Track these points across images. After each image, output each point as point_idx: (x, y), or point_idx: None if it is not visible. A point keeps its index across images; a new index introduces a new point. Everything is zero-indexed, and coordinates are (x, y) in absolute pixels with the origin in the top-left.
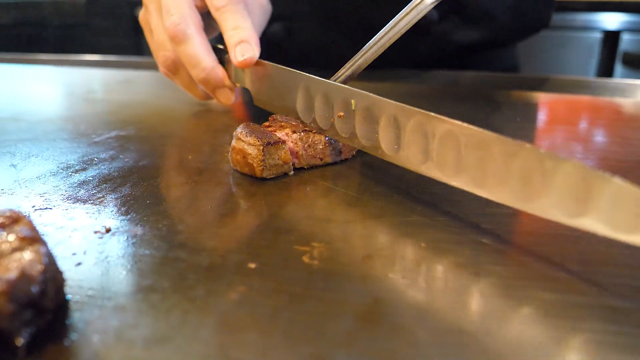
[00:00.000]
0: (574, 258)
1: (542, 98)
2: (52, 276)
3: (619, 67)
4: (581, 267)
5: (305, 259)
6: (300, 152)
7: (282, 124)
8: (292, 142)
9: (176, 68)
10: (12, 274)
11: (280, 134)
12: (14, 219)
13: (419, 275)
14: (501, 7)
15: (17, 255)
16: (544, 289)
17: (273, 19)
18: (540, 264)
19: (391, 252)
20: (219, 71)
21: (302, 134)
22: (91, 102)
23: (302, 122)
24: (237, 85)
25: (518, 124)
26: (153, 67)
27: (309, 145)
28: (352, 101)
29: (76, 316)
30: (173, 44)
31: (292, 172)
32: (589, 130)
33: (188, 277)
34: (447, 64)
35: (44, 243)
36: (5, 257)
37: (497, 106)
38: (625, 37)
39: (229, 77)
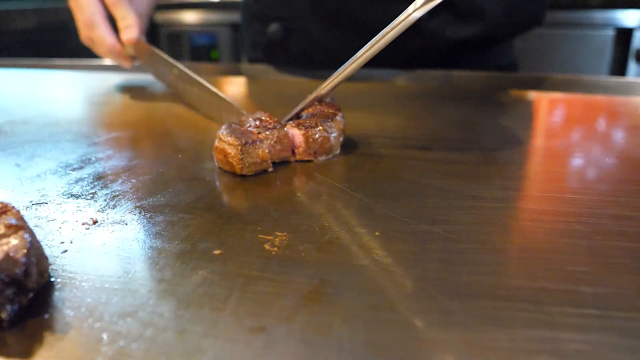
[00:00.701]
0: (516, 247)
1: (537, 97)
2: (36, 260)
3: (632, 65)
4: (520, 254)
5: (267, 246)
6: (270, 150)
7: (255, 123)
8: (265, 145)
9: (91, 43)
10: None
11: (256, 133)
12: (3, 210)
13: (366, 260)
14: (492, 3)
15: (3, 240)
16: (477, 274)
17: (272, 19)
18: (482, 252)
19: (347, 241)
20: (118, 46)
21: (267, 132)
22: (97, 105)
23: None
24: (130, 54)
25: (505, 122)
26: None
27: (276, 142)
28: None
29: (56, 295)
30: (87, 30)
31: (271, 169)
32: (581, 129)
33: (159, 262)
34: (441, 61)
35: (29, 231)
36: None
37: (493, 106)
38: (639, 35)
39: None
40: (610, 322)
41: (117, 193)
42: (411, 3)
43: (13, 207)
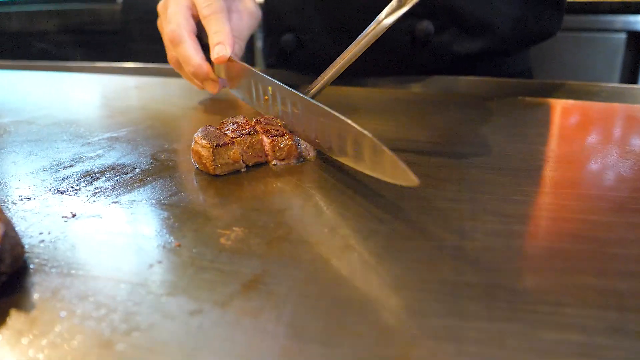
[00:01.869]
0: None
1: (552, 104)
2: (10, 247)
3: None
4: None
5: (222, 240)
6: (243, 154)
7: (232, 127)
8: (237, 146)
9: (178, 64)
10: None
11: (229, 135)
12: None
13: (309, 255)
14: (501, 18)
15: None
16: (408, 267)
17: (284, 30)
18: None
19: (296, 237)
20: (205, 67)
21: (241, 137)
22: (99, 107)
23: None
24: (219, 77)
25: (513, 131)
26: (170, 73)
27: (248, 147)
28: (269, 88)
29: (28, 279)
30: (172, 46)
31: (243, 169)
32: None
33: (119, 253)
34: (451, 72)
35: (5, 221)
36: None
37: (498, 113)
38: None
39: (213, 71)
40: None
41: (99, 189)
42: (414, 15)
43: None
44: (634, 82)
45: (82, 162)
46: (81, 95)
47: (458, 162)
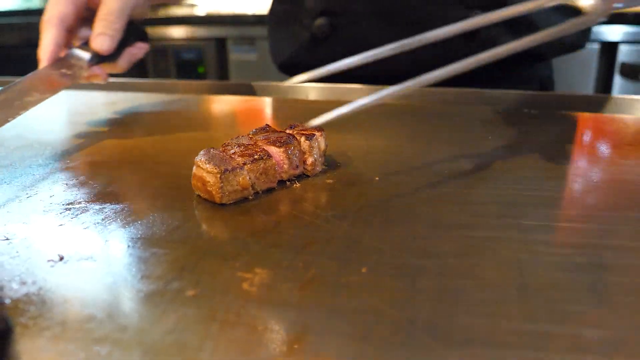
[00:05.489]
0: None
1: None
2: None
3: (617, 79)
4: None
5: (245, 285)
6: (254, 182)
7: (235, 149)
8: (246, 171)
9: None
10: None
11: (238, 159)
12: None
13: (353, 302)
14: (547, 22)
15: None
16: (473, 315)
17: (319, 13)
18: (477, 290)
19: (331, 279)
20: (44, 62)
21: (252, 164)
22: (73, 125)
23: None
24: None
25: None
26: (150, 89)
27: (261, 173)
28: None
29: (15, 347)
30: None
31: (252, 197)
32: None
33: (126, 305)
34: (480, 73)
35: None
36: None
37: (482, 125)
38: (624, 49)
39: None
40: None
41: (88, 225)
42: (463, 4)
43: None
44: (608, 92)
45: (64, 190)
46: (48, 113)
47: None
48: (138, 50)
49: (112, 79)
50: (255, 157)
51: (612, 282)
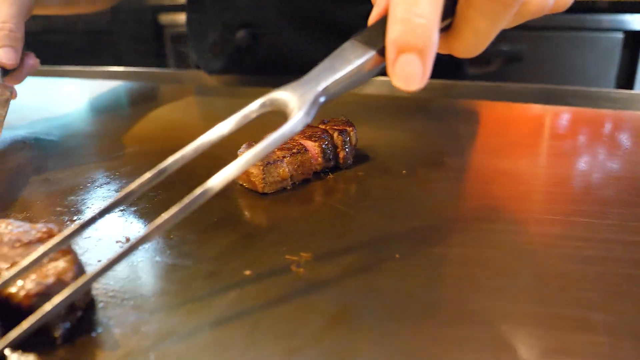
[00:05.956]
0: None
1: (541, 111)
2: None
3: None
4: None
5: (293, 267)
6: (292, 173)
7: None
8: (285, 164)
9: None
10: (50, 280)
11: (278, 153)
12: (49, 234)
13: (389, 284)
14: None
15: (52, 264)
16: (492, 299)
17: (239, 26)
18: (495, 278)
19: (368, 263)
20: None
21: (290, 157)
22: (113, 117)
23: None
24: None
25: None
26: (175, 79)
27: (299, 166)
28: None
29: (101, 313)
30: None
31: (289, 187)
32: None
33: (192, 282)
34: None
35: (74, 254)
36: (43, 266)
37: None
38: None
39: None
40: (621, 350)
41: (144, 210)
42: (372, 5)
43: (58, 231)
44: (631, 83)
45: (117, 179)
46: (85, 103)
47: None
48: (34, 61)
49: (146, 69)
50: (294, 151)
51: (621, 273)
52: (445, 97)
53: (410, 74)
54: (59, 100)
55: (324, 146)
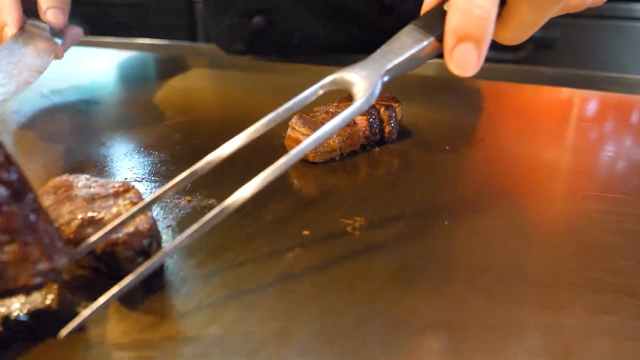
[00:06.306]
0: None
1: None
2: (155, 233)
3: None
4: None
5: (349, 229)
6: (341, 145)
7: (324, 116)
8: (335, 135)
9: None
10: (130, 229)
11: None
12: (126, 189)
13: (440, 247)
14: None
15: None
16: (543, 264)
17: (254, 12)
18: (545, 247)
19: (419, 227)
20: (12, 26)
21: (340, 129)
22: (158, 87)
23: None
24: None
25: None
26: (207, 53)
27: (347, 138)
28: None
29: (171, 265)
30: None
31: (338, 158)
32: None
33: (254, 240)
34: None
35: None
36: (121, 216)
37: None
38: None
39: None
40: None
41: (199, 181)
42: None
43: (133, 186)
44: None
45: (171, 146)
46: (122, 73)
47: None
48: (78, 30)
49: (176, 42)
50: None
51: None
52: (482, 79)
53: (467, 61)
54: (99, 69)
55: (371, 120)
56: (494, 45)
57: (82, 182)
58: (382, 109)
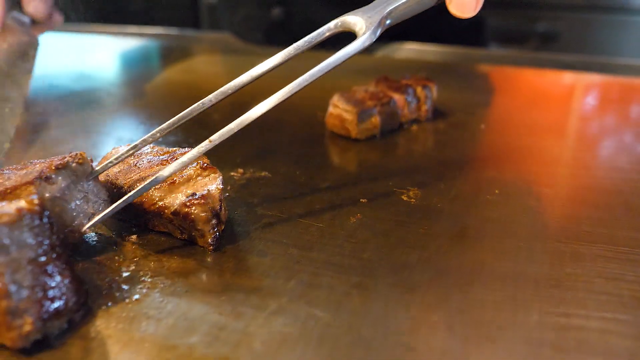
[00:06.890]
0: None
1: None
2: (223, 197)
3: None
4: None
5: (404, 197)
6: (381, 122)
7: (363, 94)
8: (377, 112)
9: None
10: (203, 192)
11: (369, 103)
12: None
13: (494, 214)
14: None
15: (201, 180)
16: (591, 224)
17: (273, 4)
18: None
19: (469, 195)
20: None
21: (381, 107)
22: (183, 73)
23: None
24: None
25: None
26: (217, 43)
27: (387, 115)
28: None
29: (238, 230)
30: None
31: (378, 135)
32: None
33: (314, 207)
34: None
35: (218, 172)
36: (193, 180)
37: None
38: None
39: None
40: None
41: (250, 151)
42: None
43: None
44: None
45: (212, 127)
46: (129, 60)
47: None
48: (57, 17)
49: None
50: (384, 101)
51: None
52: (501, 64)
53: (466, 2)
54: (101, 56)
55: (409, 99)
56: (501, 40)
57: (148, 150)
58: (418, 89)
